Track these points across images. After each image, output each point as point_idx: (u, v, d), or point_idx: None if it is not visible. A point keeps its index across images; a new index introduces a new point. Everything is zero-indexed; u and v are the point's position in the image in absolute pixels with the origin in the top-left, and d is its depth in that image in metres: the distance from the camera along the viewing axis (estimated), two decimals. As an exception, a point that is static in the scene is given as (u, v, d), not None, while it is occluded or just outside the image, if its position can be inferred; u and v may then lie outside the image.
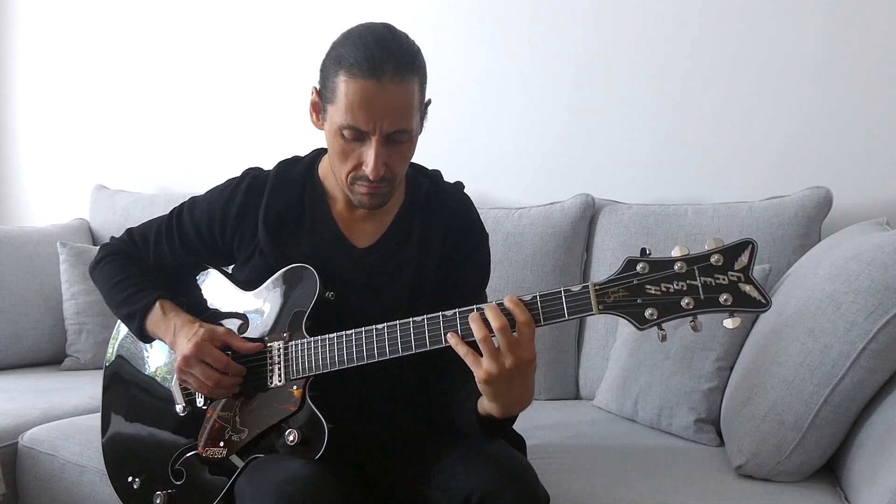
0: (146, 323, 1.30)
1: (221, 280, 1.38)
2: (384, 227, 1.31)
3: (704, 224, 1.85)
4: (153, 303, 1.30)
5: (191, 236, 1.36)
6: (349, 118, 1.13)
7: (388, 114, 1.13)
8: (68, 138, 3.09)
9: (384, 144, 1.15)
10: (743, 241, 0.96)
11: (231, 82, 2.74)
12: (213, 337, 1.23)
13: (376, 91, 1.11)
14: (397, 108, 1.14)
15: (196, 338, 1.21)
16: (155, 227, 1.40)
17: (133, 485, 1.34)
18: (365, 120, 1.13)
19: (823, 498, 1.25)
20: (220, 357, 1.21)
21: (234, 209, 1.31)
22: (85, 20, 3.03)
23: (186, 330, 1.24)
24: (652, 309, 0.98)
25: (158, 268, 1.39)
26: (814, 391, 1.25)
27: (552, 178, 2.23)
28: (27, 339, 2.38)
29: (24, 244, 2.49)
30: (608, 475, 1.36)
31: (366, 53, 1.12)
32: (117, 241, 1.43)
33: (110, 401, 1.43)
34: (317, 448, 1.15)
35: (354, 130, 1.15)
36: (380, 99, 1.12)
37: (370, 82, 1.11)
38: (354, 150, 1.17)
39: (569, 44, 2.20)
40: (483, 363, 1.04)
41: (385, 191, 1.21)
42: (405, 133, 1.16)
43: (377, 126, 1.13)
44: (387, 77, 1.11)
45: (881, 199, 1.86)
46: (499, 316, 1.03)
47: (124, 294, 1.34)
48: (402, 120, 1.15)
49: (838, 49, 1.90)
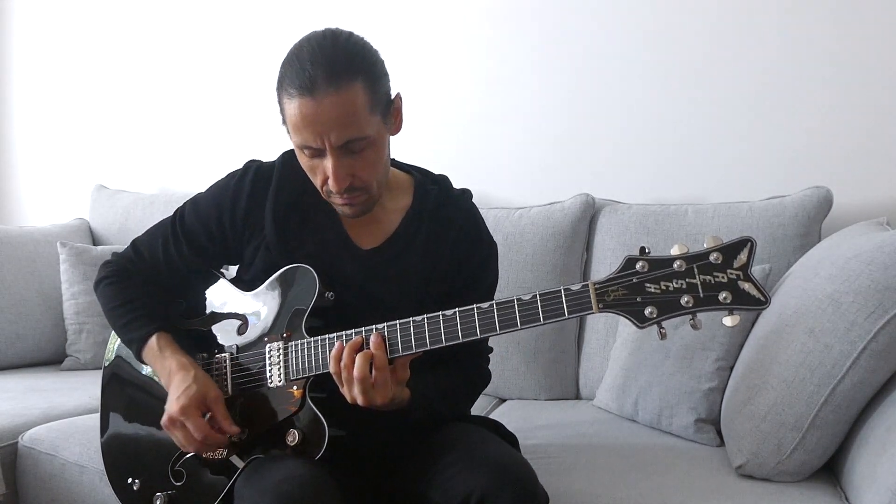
0: (143, 355, 1.31)
1: (220, 280, 1.38)
2: (390, 230, 1.30)
3: (704, 224, 1.84)
4: (149, 336, 1.29)
5: (199, 236, 1.34)
6: (298, 138, 1.14)
7: (332, 126, 1.10)
8: (68, 138, 3.09)
9: (342, 156, 1.13)
10: (741, 240, 0.97)
11: (231, 82, 2.74)
12: (201, 402, 1.21)
13: (312, 106, 1.10)
14: (339, 118, 1.10)
15: (184, 399, 1.20)
16: (161, 235, 1.36)
17: (133, 486, 1.33)
18: (311, 137, 1.12)
19: (823, 498, 1.24)
20: (200, 425, 1.19)
21: (244, 201, 1.30)
22: (84, 20, 3.03)
23: (178, 380, 1.23)
24: (652, 307, 0.99)
25: (170, 275, 1.36)
26: (814, 391, 1.24)
27: (552, 178, 2.23)
28: (27, 339, 2.38)
29: (24, 244, 2.49)
30: (608, 475, 1.35)
31: (297, 70, 1.11)
32: (120, 257, 1.40)
33: (109, 401, 1.43)
34: (317, 449, 1.15)
35: (308, 148, 1.14)
36: (318, 114, 1.10)
37: (305, 99, 1.10)
38: (318, 165, 1.16)
39: (569, 44, 2.20)
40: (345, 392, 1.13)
41: (362, 199, 1.20)
42: (360, 141, 1.13)
43: (325, 140, 1.11)
44: (320, 91, 1.09)
45: (881, 199, 1.86)
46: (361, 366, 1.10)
47: (123, 320, 1.33)
48: (349, 129, 1.11)
49: (838, 49, 1.90)
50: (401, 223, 1.30)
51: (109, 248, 2.48)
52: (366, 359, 1.10)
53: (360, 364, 1.10)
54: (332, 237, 1.29)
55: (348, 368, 1.11)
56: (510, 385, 1.97)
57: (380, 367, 1.10)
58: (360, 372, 1.10)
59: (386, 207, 1.31)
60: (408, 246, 1.29)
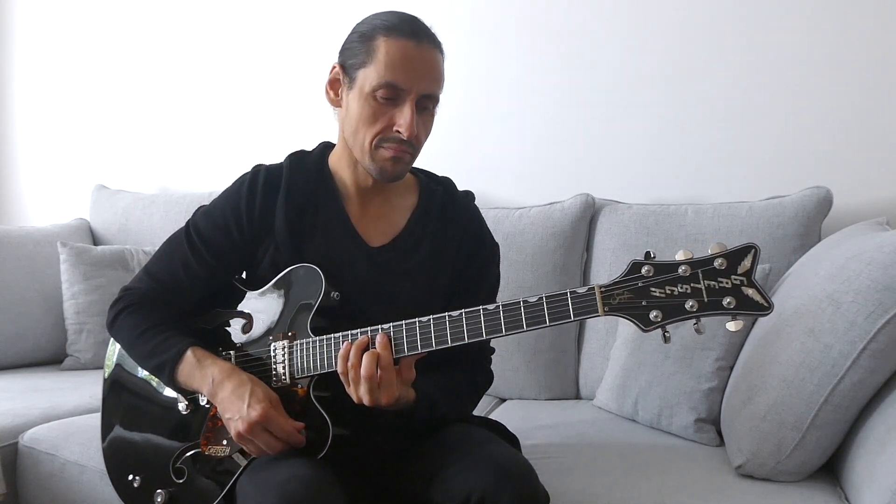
0: (177, 373, 1.24)
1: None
2: (398, 227, 1.31)
3: (704, 224, 1.85)
4: (184, 350, 1.24)
5: (219, 244, 1.30)
6: (389, 75, 1.17)
7: (426, 75, 1.19)
8: (68, 138, 3.09)
9: (416, 108, 1.19)
10: (746, 246, 0.98)
11: (231, 82, 2.74)
12: (275, 403, 1.18)
13: (417, 52, 1.18)
14: (432, 71, 1.20)
15: (257, 404, 1.15)
16: (176, 254, 1.32)
17: (133, 483, 1.33)
18: (405, 78, 1.17)
19: (823, 498, 1.25)
20: (283, 425, 1.15)
21: (257, 205, 1.29)
22: (84, 20, 3.03)
23: (234, 386, 1.18)
24: (657, 311, 1.00)
25: (192, 292, 1.33)
26: (814, 391, 1.25)
27: (552, 178, 2.23)
28: (27, 339, 2.38)
29: (24, 244, 2.49)
30: (608, 475, 1.36)
31: (402, 19, 1.20)
32: (135, 288, 1.35)
33: (110, 408, 1.41)
34: (320, 448, 1.16)
35: (391, 89, 1.17)
36: (419, 59, 1.18)
37: (411, 43, 1.17)
38: (386, 112, 1.19)
39: (569, 44, 2.21)
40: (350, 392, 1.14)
41: (408, 158, 1.23)
42: (433, 99, 1.22)
43: (415, 85, 1.17)
44: (425, 41, 1.19)
45: (881, 199, 1.87)
46: (369, 365, 1.11)
47: (151, 344, 1.27)
48: (435, 84, 1.21)
49: (838, 49, 1.91)
50: (408, 221, 1.32)
51: (109, 248, 2.48)
52: (372, 358, 1.11)
53: (366, 363, 1.10)
54: (341, 235, 1.29)
55: (355, 368, 1.12)
56: (510, 385, 1.97)
57: (385, 367, 1.11)
58: (367, 371, 1.10)
59: (393, 205, 1.32)
60: (416, 243, 1.31)
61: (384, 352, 1.11)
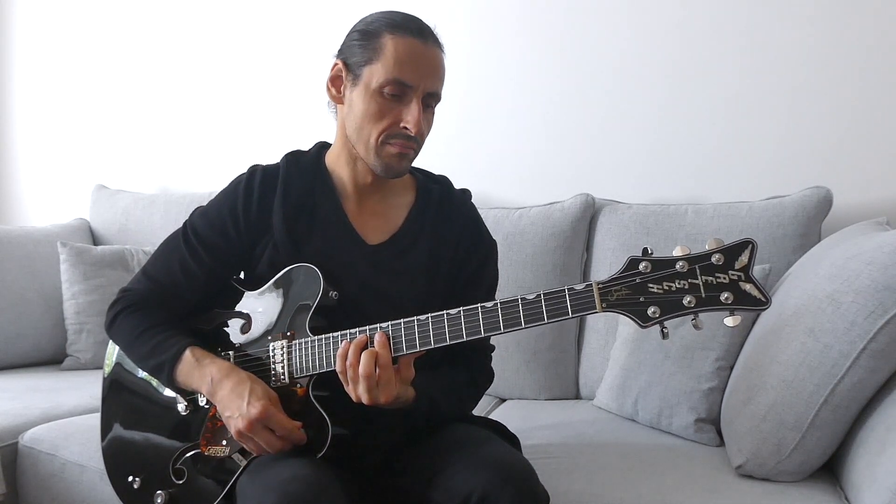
0: (176, 373, 1.24)
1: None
2: (395, 225, 1.31)
3: (704, 224, 1.85)
4: (183, 350, 1.24)
5: (216, 244, 1.30)
6: (397, 72, 1.18)
7: (431, 73, 1.21)
8: (68, 138, 3.09)
9: (422, 105, 1.20)
10: (743, 241, 0.98)
11: (231, 82, 2.74)
12: (274, 401, 1.17)
13: (423, 49, 1.20)
14: (437, 69, 1.22)
15: (257, 401, 1.14)
16: (174, 254, 1.32)
17: (133, 484, 1.33)
18: (412, 75, 1.18)
19: (823, 498, 1.25)
20: (283, 423, 1.15)
21: (254, 205, 1.29)
22: (84, 20, 3.03)
23: (233, 384, 1.18)
24: (654, 307, 0.99)
25: (190, 293, 1.32)
26: (814, 391, 1.25)
27: (552, 178, 2.23)
28: (27, 339, 2.38)
29: (24, 244, 2.49)
30: (608, 475, 1.36)
31: (409, 18, 1.22)
32: (133, 289, 1.35)
33: (110, 408, 1.41)
34: (320, 447, 1.16)
35: (398, 86, 1.18)
36: (425, 57, 1.20)
37: (418, 41, 1.19)
38: (392, 109, 1.20)
39: (569, 44, 2.21)
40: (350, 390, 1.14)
41: (412, 154, 1.25)
42: (437, 97, 1.24)
43: (421, 83, 1.19)
44: (430, 41, 1.21)
45: (881, 199, 1.87)
46: (367, 363, 1.11)
47: (149, 344, 1.27)
48: (439, 82, 1.23)
49: (839, 49, 1.91)
50: (406, 219, 1.32)
51: (109, 248, 2.48)
52: (371, 357, 1.11)
53: (365, 362, 1.10)
54: (339, 233, 1.29)
55: (354, 366, 1.12)
56: (510, 385, 1.97)
57: (384, 366, 1.10)
58: (366, 369, 1.10)
59: (391, 203, 1.33)
60: (414, 241, 1.31)
61: (383, 350, 1.11)
